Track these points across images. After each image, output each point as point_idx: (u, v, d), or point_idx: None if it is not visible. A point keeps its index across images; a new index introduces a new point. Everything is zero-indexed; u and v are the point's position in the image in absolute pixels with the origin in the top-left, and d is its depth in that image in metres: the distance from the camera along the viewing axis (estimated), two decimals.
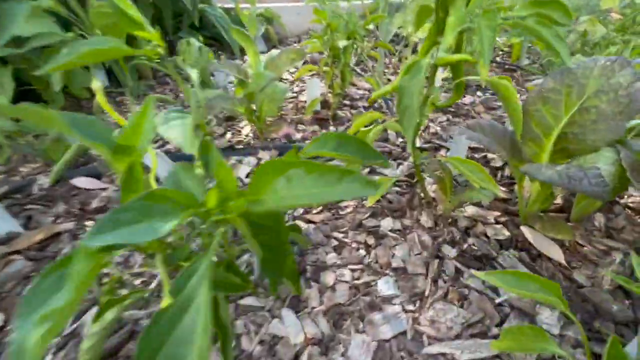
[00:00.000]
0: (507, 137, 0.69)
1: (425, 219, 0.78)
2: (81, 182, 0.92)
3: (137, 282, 0.66)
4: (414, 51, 1.39)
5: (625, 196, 0.87)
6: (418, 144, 1.07)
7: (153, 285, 0.65)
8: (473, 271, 0.54)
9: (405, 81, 0.44)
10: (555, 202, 0.82)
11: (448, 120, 1.22)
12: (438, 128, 1.17)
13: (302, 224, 0.80)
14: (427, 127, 1.18)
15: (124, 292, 0.47)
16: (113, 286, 0.46)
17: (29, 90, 1.16)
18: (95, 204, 0.86)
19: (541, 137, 0.62)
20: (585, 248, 0.71)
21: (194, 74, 0.38)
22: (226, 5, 2.05)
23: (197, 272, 0.26)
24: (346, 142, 0.47)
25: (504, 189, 0.89)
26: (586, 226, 0.76)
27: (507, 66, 1.70)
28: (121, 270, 0.68)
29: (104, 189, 0.92)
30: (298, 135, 1.16)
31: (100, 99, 0.58)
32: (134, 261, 0.71)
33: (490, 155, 1.03)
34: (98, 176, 0.96)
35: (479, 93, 1.42)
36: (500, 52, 1.95)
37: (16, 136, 0.96)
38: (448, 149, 1.04)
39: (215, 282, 0.41)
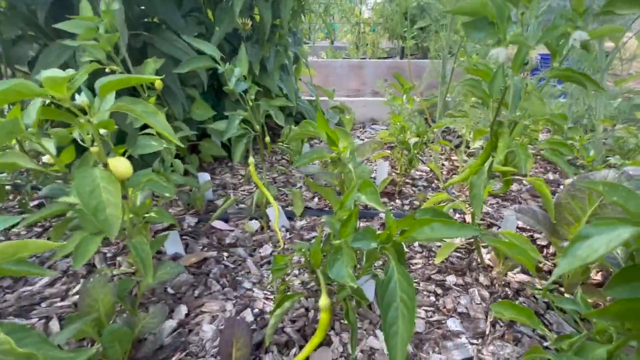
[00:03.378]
0: (548, 221, 0.92)
1: (483, 279, 0.99)
2: (217, 224, 1.27)
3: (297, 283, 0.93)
4: (467, 145, 1.72)
5: None
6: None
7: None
8: (492, 305, 0.73)
9: (474, 179, 0.73)
10: (595, 277, 0.99)
11: (498, 203, 1.46)
12: (490, 209, 1.40)
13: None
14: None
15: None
16: (285, 287, 0.73)
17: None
18: (228, 240, 1.19)
19: (573, 223, 0.85)
20: None
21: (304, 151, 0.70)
22: (305, 97, 2.62)
23: (391, 263, 0.54)
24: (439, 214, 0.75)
25: (548, 263, 1.08)
26: None
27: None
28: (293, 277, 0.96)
29: (231, 230, 1.25)
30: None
31: (252, 171, 0.97)
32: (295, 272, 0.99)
33: (536, 235, 1.23)
34: (226, 221, 1.31)
35: (524, 181, 1.66)
36: None
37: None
38: (499, 227, 1.26)
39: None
